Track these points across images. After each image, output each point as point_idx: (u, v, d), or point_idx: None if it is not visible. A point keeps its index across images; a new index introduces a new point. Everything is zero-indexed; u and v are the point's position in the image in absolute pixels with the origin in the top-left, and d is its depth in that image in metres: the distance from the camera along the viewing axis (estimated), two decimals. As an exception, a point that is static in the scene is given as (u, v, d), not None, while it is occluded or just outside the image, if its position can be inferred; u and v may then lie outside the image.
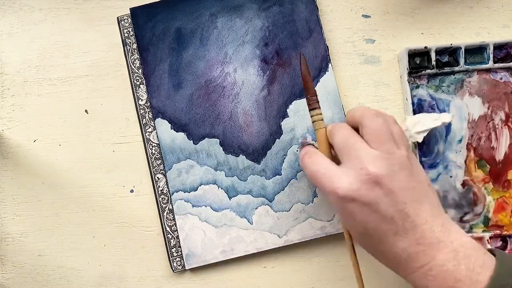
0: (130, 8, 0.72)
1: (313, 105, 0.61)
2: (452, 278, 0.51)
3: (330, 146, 0.60)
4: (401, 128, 0.57)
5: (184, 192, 0.69)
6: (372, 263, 0.63)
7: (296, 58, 0.71)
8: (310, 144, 0.64)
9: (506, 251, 0.69)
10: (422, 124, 0.66)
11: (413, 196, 0.53)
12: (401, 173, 0.53)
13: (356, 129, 0.57)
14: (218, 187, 0.69)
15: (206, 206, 0.69)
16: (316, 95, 0.61)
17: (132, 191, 0.71)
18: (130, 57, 0.72)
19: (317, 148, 0.60)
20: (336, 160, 0.57)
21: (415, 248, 0.52)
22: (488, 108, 0.71)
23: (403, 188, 0.53)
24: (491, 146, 0.70)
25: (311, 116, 0.61)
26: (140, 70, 0.71)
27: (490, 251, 0.54)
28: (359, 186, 0.52)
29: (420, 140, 0.66)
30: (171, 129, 0.70)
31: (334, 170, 0.54)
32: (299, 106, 0.70)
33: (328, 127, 0.60)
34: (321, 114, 0.61)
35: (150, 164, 0.70)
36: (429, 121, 0.66)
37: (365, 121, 0.56)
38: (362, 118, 0.56)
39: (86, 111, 0.72)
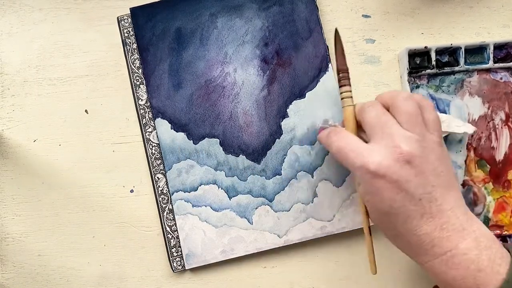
0: (130, 8, 0.72)
1: (343, 81, 0.62)
2: (474, 267, 0.51)
3: (357, 125, 0.60)
4: (437, 115, 0.57)
5: (184, 192, 0.69)
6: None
7: (296, 58, 0.71)
8: (333, 125, 0.63)
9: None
10: (446, 125, 0.66)
11: (441, 182, 0.53)
12: (432, 157, 0.54)
13: (387, 109, 0.58)
14: (218, 187, 0.69)
15: (206, 206, 0.69)
16: (348, 73, 0.63)
17: (132, 191, 0.71)
18: (130, 57, 0.72)
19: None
20: (362, 140, 0.57)
21: (439, 233, 0.52)
22: (488, 108, 0.71)
23: (433, 171, 0.53)
24: (491, 146, 0.71)
25: (340, 93, 0.62)
26: (140, 70, 0.71)
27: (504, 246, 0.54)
28: (391, 163, 0.52)
29: None
30: (171, 129, 0.70)
31: (365, 146, 0.55)
32: (299, 106, 0.70)
33: (358, 104, 0.60)
34: (350, 91, 0.62)
35: (150, 164, 0.70)
36: (454, 125, 0.66)
37: (398, 102, 0.56)
38: (394, 99, 0.56)
39: (86, 111, 0.72)
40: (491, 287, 0.50)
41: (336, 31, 0.62)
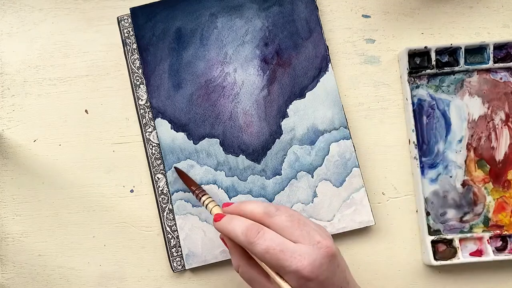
0: (130, 8, 0.72)
1: (202, 193, 0.64)
2: None
3: None
4: None
5: (184, 192, 0.69)
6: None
7: (296, 59, 0.71)
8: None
9: (506, 251, 0.69)
10: None
11: (348, 273, 0.58)
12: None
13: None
14: (218, 187, 0.69)
15: (206, 206, 0.69)
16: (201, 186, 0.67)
17: (132, 191, 0.71)
18: (130, 57, 0.72)
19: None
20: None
21: None
22: (488, 108, 0.71)
23: (343, 260, 0.57)
24: (491, 146, 0.71)
25: (206, 205, 0.62)
26: (140, 70, 0.71)
27: None
28: (322, 261, 0.52)
29: None
30: (171, 129, 0.70)
31: (293, 246, 0.52)
32: (299, 106, 0.70)
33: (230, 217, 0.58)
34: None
35: (150, 164, 0.71)
36: None
37: (271, 215, 0.56)
38: (263, 218, 0.56)
39: (86, 111, 0.72)
40: None
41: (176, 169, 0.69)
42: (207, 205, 0.62)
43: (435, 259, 0.67)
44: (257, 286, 0.57)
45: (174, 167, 0.69)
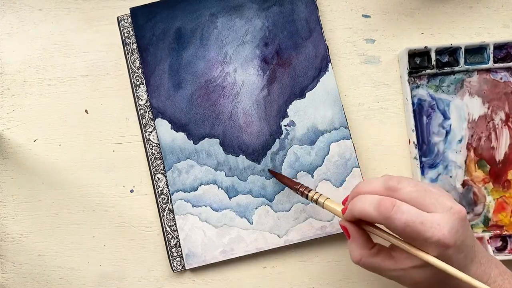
0: (130, 8, 0.72)
1: (306, 190, 0.63)
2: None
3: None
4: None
5: (184, 192, 0.69)
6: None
7: (296, 58, 0.71)
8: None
9: (506, 251, 0.69)
10: None
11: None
12: None
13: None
14: (218, 187, 0.69)
15: (206, 206, 0.69)
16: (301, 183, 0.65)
17: (132, 191, 0.71)
18: (130, 57, 0.72)
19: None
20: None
21: (480, 269, 0.54)
22: (488, 108, 0.71)
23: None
24: (491, 146, 0.70)
25: (316, 200, 0.61)
26: (140, 70, 0.71)
27: None
28: (458, 227, 0.51)
29: None
30: (171, 129, 0.70)
31: (430, 217, 0.51)
32: (299, 106, 0.70)
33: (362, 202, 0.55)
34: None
35: (150, 164, 0.71)
36: None
37: (398, 186, 0.54)
38: (390, 189, 0.54)
39: (86, 111, 0.72)
40: None
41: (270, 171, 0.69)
42: (317, 200, 0.61)
43: (435, 259, 0.67)
44: (383, 273, 0.57)
45: (268, 170, 0.69)
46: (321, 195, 0.61)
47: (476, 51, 0.71)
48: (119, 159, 0.72)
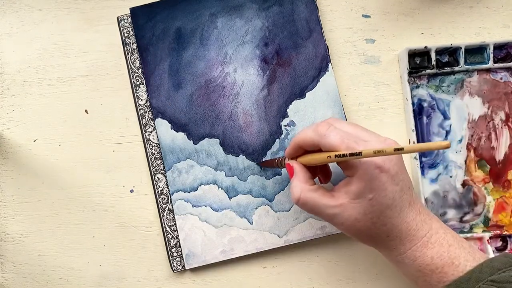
0: (130, 8, 0.72)
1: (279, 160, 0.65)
2: (445, 242, 0.55)
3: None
4: None
5: (184, 192, 0.69)
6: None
7: (296, 59, 0.71)
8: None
9: (506, 251, 0.69)
10: None
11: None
12: None
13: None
14: (218, 187, 0.69)
15: (206, 206, 0.69)
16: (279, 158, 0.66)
17: (132, 191, 0.71)
18: (130, 57, 0.72)
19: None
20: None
21: (419, 216, 0.56)
22: (488, 108, 0.71)
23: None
24: (491, 146, 0.71)
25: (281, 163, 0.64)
26: (140, 70, 0.71)
27: None
28: (391, 157, 0.54)
29: None
30: (171, 129, 0.70)
31: (365, 138, 0.55)
32: (299, 106, 0.70)
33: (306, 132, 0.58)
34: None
35: (150, 164, 0.70)
36: None
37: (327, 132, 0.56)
38: (321, 137, 0.56)
39: (86, 111, 0.72)
40: (462, 259, 0.54)
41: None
42: (281, 162, 0.64)
43: (435, 259, 0.67)
44: (320, 210, 0.57)
45: (257, 163, 0.70)
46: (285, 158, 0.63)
47: (476, 51, 0.71)
48: (119, 159, 0.72)
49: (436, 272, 0.55)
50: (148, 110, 0.71)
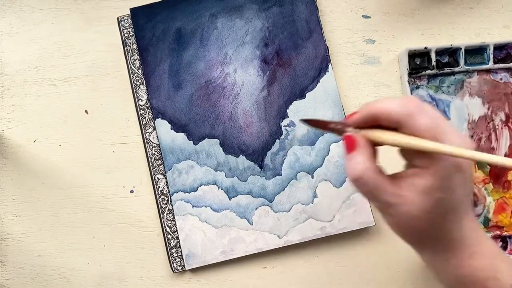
0: (130, 9, 0.72)
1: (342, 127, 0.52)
2: (490, 255, 0.51)
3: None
4: None
5: (184, 193, 0.69)
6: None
7: (296, 59, 0.71)
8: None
9: (506, 252, 0.69)
10: None
11: None
12: None
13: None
14: (218, 188, 0.69)
15: (206, 207, 0.69)
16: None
17: (132, 191, 0.71)
18: (130, 58, 0.72)
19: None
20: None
21: (472, 224, 0.52)
22: (488, 109, 0.71)
23: None
24: (491, 146, 0.70)
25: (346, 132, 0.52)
26: (140, 71, 0.71)
27: None
28: (472, 164, 0.49)
29: None
30: (171, 129, 0.70)
31: (451, 131, 0.47)
32: (299, 107, 0.70)
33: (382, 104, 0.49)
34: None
35: (150, 164, 0.70)
36: None
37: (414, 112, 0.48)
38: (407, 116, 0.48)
39: (86, 111, 0.72)
40: (505, 273, 0.51)
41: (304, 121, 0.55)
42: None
43: (435, 259, 0.67)
44: (378, 195, 0.49)
45: (301, 120, 0.59)
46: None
47: (476, 52, 0.71)
48: (119, 160, 0.72)
49: (477, 284, 0.51)
50: (148, 110, 0.71)
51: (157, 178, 0.70)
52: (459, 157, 0.44)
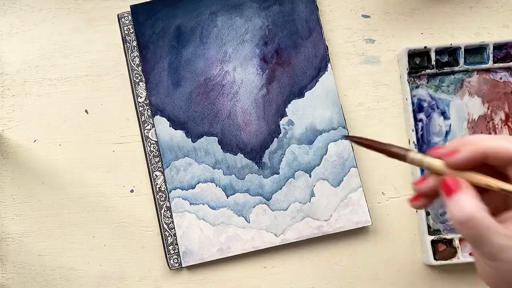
0: (130, 5, 0.72)
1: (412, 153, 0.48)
2: None
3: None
4: None
5: (182, 190, 0.69)
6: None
7: (295, 58, 0.71)
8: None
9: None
10: None
11: None
12: None
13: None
14: (216, 185, 0.69)
15: (203, 204, 0.69)
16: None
17: (132, 191, 0.71)
18: (130, 55, 0.72)
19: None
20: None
21: None
22: (488, 108, 0.71)
23: None
24: (491, 146, 0.70)
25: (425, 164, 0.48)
26: (139, 68, 0.72)
27: None
28: None
29: None
30: (170, 126, 0.70)
31: None
32: (298, 106, 0.70)
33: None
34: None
35: (148, 161, 0.71)
36: None
37: None
38: None
39: (86, 111, 0.73)
40: None
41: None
42: (422, 160, 0.47)
43: (435, 259, 0.67)
44: (488, 237, 0.43)
45: (344, 136, 0.60)
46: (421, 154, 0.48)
47: (475, 51, 0.71)
48: (119, 159, 0.72)
49: None
50: (147, 107, 0.71)
51: (155, 175, 0.70)
52: None
